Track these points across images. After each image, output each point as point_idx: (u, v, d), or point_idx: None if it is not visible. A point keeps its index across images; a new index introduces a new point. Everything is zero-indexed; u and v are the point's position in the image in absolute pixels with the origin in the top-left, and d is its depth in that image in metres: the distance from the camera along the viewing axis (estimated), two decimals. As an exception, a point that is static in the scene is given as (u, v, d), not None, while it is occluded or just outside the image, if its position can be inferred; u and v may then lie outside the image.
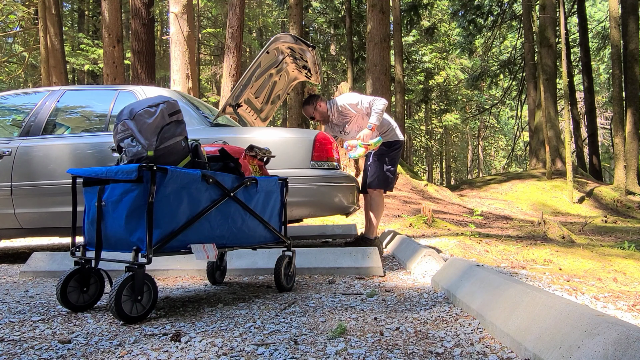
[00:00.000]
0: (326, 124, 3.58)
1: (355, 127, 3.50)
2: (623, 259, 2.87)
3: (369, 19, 9.92)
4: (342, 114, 3.46)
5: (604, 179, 20.71)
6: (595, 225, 6.63)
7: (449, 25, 20.79)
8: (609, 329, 0.97)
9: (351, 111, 3.43)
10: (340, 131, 3.61)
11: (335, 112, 3.47)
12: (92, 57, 14.05)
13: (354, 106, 3.40)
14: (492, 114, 25.98)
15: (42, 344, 1.40)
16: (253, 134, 3.22)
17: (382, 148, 3.50)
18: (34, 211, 3.24)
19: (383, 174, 3.50)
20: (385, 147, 3.51)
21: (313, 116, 3.47)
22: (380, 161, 3.50)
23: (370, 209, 3.57)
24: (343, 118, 3.49)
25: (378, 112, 3.31)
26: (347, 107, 3.41)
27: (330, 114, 3.49)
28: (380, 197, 3.58)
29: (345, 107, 3.41)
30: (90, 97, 3.67)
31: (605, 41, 18.71)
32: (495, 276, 1.64)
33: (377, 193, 3.54)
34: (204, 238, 1.83)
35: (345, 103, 3.41)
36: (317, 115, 3.48)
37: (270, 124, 12.89)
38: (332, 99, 3.53)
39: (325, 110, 3.48)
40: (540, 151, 13.44)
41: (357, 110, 3.42)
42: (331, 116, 3.50)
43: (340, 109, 3.44)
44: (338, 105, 3.44)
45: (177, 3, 7.29)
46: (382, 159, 3.51)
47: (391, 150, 3.54)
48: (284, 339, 1.40)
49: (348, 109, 3.42)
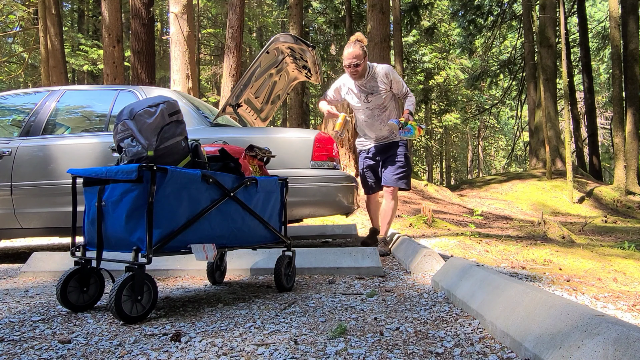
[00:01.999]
0: (357, 78, 3.20)
1: (379, 102, 3.25)
2: (623, 259, 2.87)
3: (369, 19, 9.92)
4: (377, 81, 3.21)
5: (604, 179, 20.71)
6: (595, 225, 6.63)
7: (449, 25, 20.79)
8: (609, 329, 0.97)
9: (388, 85, 3.23)
10: (362, 97, 3.27)
11: (371, 75, 3.21)
12: (91, 58, 14.06)
13: (397, 81, 3.23)
14: (492, 114, 25.99)
15: (42, 344, 1.40)
16: (253, 134, 3.22)
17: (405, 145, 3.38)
18: (34, 211, 3.24)
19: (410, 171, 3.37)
20: (407, 145, 3.44)
21: (358, 63, 3.09)
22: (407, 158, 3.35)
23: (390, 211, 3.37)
24: (373, 86, 3.23)
25: (414, 103, 3.26)
26: (391, 77, 3.21)
27: (367, 74, 3.21)
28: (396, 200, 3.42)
29: (389, 76, 3.20)
30: (91, 97, 3.67)
31: (605, 41, 18.72)
32: (495, 276, 1.64)
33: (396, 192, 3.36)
34: (204, 238, 1.83)
35: (391, 72, 3.21)
36: (362, 64, 3.13)
37: (270, 124, 12.93)
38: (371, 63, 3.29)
39: (367, 66, 3.21)
40: (540, 151, 13.45)
41: (395, 87, 3.25)
42: (366, 77, 3.21)
43: (381, 76, 3.20)
44: (381, 70, 3.21)
45: (177, 3, 7.29)
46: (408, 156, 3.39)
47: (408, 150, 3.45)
48: (284, 339, 1.40)
49: (389, 80, 3.21)
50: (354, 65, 3.12)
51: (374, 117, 3.31)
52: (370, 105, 3.28)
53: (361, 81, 3.23)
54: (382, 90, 3.23)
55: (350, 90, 3.32)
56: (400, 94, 3.31)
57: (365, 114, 3.33)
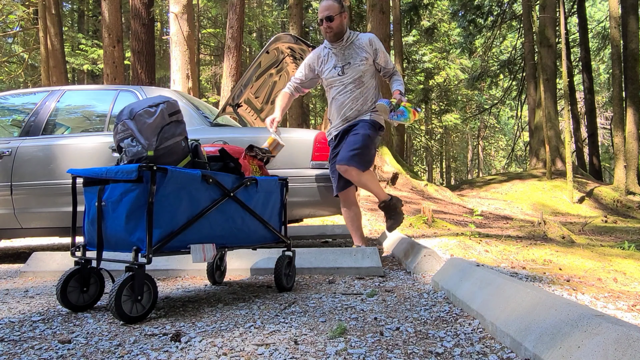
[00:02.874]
0: (331, 38, 2.80)
1: (355, 76, 2.81)
2: (623, 259, 2.87)
3: (369, 19, 9.92)
4: (358, 50, 2.81)
5: (604, 179, 20.72)
6: (595, 225, 6.63)
7: (449, 25, 20.79)
8: (609, 329, 0.97)
9: (371, 55, 2.82)
10: (338, 68, 2.84)
11: (351, 40, 2.82)
12: (91, 57, 14.06)
13: (383, 52, 2.83)
14: (492, 114, 25.98)
15: (42, 344, 1.40)
16: (253, 134, 3.22)
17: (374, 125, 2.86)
18: (34, 211, 3.24)
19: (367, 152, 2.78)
20: (376, 126, 2.88)
21: (331, 16, 2.70)
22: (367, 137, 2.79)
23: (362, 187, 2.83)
24: (352, 54, 2.81)
25: (403, 83, 2.86)
26: (376, 46, 2.81)
27: (345, 37, 2.81)
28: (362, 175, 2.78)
29: (374, 44, 2.81)
30: (91, 97, 3.67)
31: (605, 41, 18.72)
32: (496, 276, 1.64)
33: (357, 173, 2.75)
34: (204, 238, 1.83)
35: (376, 41, 2.83)
36: (337, 20, 2.73)
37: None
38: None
39: (345, 26, 2.79)
40: (540, 151, 13.45)
41: (381, 59, 2.85)
42: (344, 39, 2.81)
43: (364, 43, 2.80)
44: (364, 37, 2.82)
45: (177, 3, 7.29)
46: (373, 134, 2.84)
47: (379, 134, 2.93)
48: (284, 339, 1.40)
49: (373, 49, 2.81)
50: (326, 19, 2.71)
51: (346, 93, 2.84)
52: (344, 79, 2.83)
53: (338, 45, 2.82)
54: (362, 60, 2.79)
55: (325, 59, 2.88)
56: (386, 70, 2.91)
57: (338, 90, 2.86)
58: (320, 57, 2.91)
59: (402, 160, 10.50)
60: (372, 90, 2.88)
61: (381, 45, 2.85)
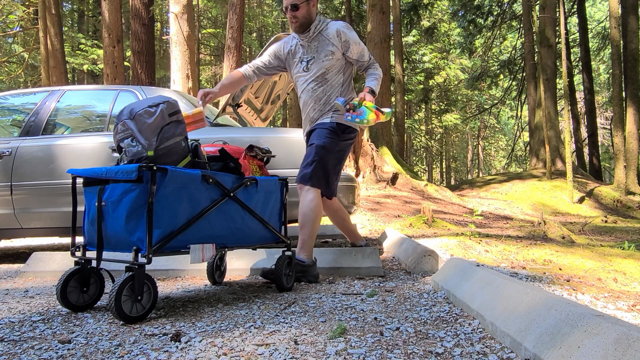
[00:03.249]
0: (297, 29, 2.46)
1: (318, 72, 2.48)
2: (623, 259, 2.87)
3: (369, 19, 9.92)
4: (324, 42, 2.45)
5: (604, 179, 20.73)
6: (595, 225, 6.63)
7: (449, 25, 20.79)
8: (609, 329, 0.97)
9: (339, 48, 2.45)
10: (304, 63, 2.51)
11: (319, 30, 2.45)
12: (91, 57, 14.07)
13: (355, 43, 2.45)
14: (492, 114, 25.98)
15: (42, 344, 1.40)
16: (253, 134, 3.22)
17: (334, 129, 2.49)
18: (34, 211, 3.24)
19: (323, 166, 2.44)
20: (339, 130, 2.50)
21: (295, 4, 2.37)
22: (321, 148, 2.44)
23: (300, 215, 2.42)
24: (317, 47, 2.47)
25: (378, 78, 2.48)
26: (346, 37, 2.42)
27: (313, 27, 2.45)
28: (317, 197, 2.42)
29: (343, 35, 2.42)
30: (91, 97, 3.67)
31: (605, 41, 18.71)
32: (495, 276, 1.64)
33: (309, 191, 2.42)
34: (204, 238, 1.83)
35: (346, 31, 2.43)
36: (303, 9, 2.39)
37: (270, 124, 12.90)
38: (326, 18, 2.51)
39: (313, 15, 2.44)
40: (540, 151, 13.45)
41: (353, 52, 2.47)
42: (312, 30, 2.45)
43: (330, 35, 2.43)
44: (332, 27, 2.44)
45: (177, 3, 7.29)
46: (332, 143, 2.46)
47: (344, 138, 2.53)
48: (284, 339, 1.40)
49: (342, 41, 2.43)
50: (291, 8, 2.38)
51: (308, 92, 2.53)
52: (308, 76, 2.51)
53: (305, 37, 2.48)
54: (327, 55, 2.45)
55: (293, 51, 2.56)
56: (360, 63, 2.54)
57: (302, 89, 2.57)
58: (289, 47, 2.58)
59: (402, 160, 10.50)
60: (338, 88, 2.53)
61: (352, 36, 2.46)
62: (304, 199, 2.42)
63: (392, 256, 3.27)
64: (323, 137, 2.46)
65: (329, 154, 2.47)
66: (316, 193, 2.43)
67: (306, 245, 2.40)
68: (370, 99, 2.37)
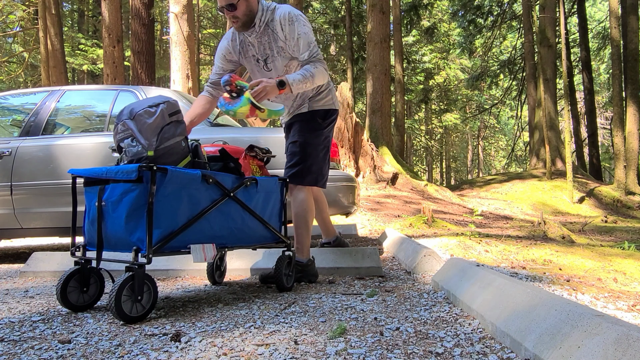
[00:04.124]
0: (239, 28, 2.14)
1: (284, 71, 2.23)
2: (623, 259, 2.87)
3: (369, 19, 9.93)
4: (273, 36, 2.15)
5: (604, 179, 20.73)
6: (595, 225, 6.63)
7: (449, 25, 20.80)
8: (609, 329, 0.97)
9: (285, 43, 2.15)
10: (260, 62, 2.25)
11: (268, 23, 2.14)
12: (91, 57, 14.07)
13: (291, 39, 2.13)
14: (492, 114, 25.99)
15: (42, 344, 1.40)
16: (253, 134, 3.22)
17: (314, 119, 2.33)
18: (34, 211, 3.24)
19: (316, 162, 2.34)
20: (319, 117, 2.34)
21: (234, 3, 2.03)
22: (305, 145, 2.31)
23: (293, 216, 2.36)
24: (268, 43, 2.18)
25: (307, 76, 2.09)
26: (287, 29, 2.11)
27: (257, 20, 2.12)
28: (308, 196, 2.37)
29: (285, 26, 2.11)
30: (90, 97, 3.67)
31: (605, 41, 18.71)
32: (496, 276, 1.64)
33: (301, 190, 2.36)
34: (204, 238, 1.83)
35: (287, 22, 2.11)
36: (242, 6, 2.06)
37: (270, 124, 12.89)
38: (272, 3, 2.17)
39: (255, 7, 2.10)
40: (540, 151, 13.45)
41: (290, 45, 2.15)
42: (257, 24, 2.13)
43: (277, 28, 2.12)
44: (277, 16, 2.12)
45: (177, 3, 7.29)
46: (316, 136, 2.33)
47: (327, 123, 2.38)
48: (284, 339, 1.40)
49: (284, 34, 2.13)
50: (228, 8, 2.05)
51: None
52: (271, 74, 2.25)
53: (251, 34, 2.17)
54: (278, 52, 2.18)
55: (242, 48, 2.25)
56: (299, 61, 2.19)
57: None
58: (237, 44, 2.27)
59: (402, 160, 10.50)
60: None
61: (295, 27, 2.12)
62: (296, 198, 2.36)
63: (392, 256, 3.27)
64: (305, 132, 2.32)
65: (315, 148, 2.35)
66: (307, 192, 2.37)
67: (303, 245, 2.40)
68: (263, 90, 1.97)
